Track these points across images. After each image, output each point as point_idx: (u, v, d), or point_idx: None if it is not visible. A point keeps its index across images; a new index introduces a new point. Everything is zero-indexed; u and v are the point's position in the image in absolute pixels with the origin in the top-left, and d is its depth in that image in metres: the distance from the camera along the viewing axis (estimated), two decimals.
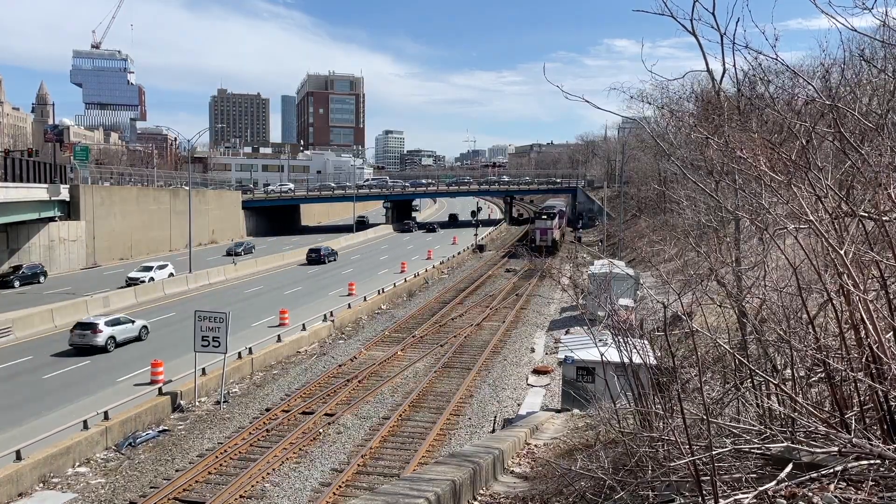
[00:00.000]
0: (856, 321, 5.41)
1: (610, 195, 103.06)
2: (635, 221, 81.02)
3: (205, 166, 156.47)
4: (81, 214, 63.22)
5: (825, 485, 4.49)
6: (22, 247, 56.53)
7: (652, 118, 50.55)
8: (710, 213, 23.07)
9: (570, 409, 21.54)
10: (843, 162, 6.32)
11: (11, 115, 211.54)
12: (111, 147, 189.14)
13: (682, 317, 7.01)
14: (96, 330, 33.12)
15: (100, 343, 32.98)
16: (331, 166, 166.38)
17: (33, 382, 28.50)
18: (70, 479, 20.33)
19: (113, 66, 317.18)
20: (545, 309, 47.98)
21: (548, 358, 35.13)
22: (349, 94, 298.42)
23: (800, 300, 6.69)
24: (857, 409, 5.43)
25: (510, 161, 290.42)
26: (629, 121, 69.21)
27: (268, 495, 19.26)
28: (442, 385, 30.01)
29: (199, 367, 27.92)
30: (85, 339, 33.00)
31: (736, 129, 7.10)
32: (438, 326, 41.62)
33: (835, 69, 13.20)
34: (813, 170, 5.80)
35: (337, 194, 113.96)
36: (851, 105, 7.20)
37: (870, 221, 5.88)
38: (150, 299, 47.28)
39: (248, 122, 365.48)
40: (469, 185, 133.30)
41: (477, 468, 9.22)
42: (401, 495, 6.94)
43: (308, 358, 34.78)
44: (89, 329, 33.19)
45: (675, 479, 5.25)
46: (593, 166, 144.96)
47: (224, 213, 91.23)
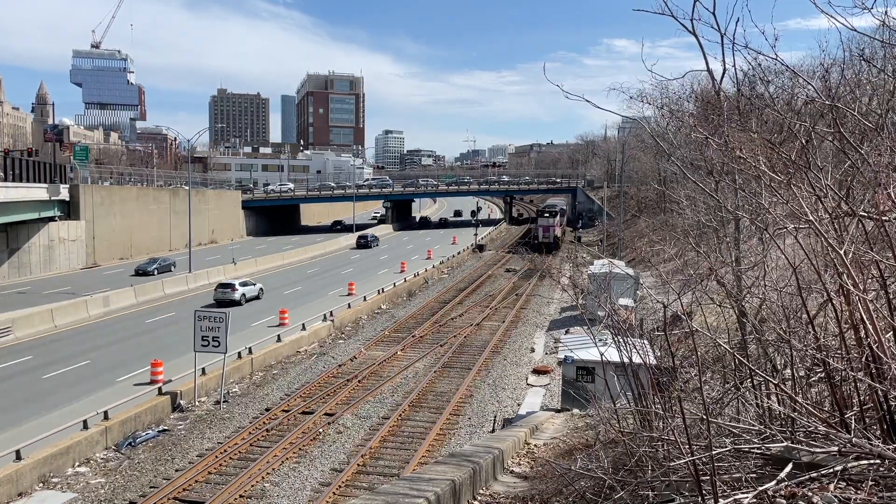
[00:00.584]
0: (855, 321, 5.41)
1: (610, 195, 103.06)
2: (635, 221, 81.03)
3: (205, 166, 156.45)
4: (81, 214, 63.20)
5: (825, 485, 4.49)
6: (22, 246, 56.50)
7: (652, 118, 50.52)
8: (710, 212, 23.07)
9: (569, 409, 21.55)
10: (843, 162, 6.33)
11: (11, 114, 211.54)
12: (111, 147, 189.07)
13: (681, 316, 7.01)
14: (234, 289, 45.83)
15: (236, 298, 45.20)
16: (331, 166, 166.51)
17: (32, 382, 28.48)
18: (70, 478, 20.33)
19: (113, 66, 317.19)
20: (545, 309, 47.99)
21: (548, 358, 35.13)
22: (349, 94, 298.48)
23: (799, 300, 6.69)
24: (856, 408, 5.43)
25: (510, 161, 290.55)
26: (629, 120, 69.20)
27: (268, 495, 19.25)
28: (442, 385, 30.01)
29: (199, 367, 27.92)
30: (225, 296, 45.20)
31: (735, 128, 7.10)
32: (438, 326, 41.63)
33: (834, 69, 13.21)
34: (813, 169, 5.80)
35: (337, 194, 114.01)
36: (851, 105, 7.20)
37: (869, 221, 5.88)
38: (149, 299, 47.28)
39: (248, 121, 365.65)
40: (469, 184, 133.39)
41: (477, 468, 9.22)
42: (400, 495, 6.94)
43: (308, 358, 34.78)
44: (228, 288, 45.91)
45: (674, 478, 5.25)
46: (593, 166, 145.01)
47: (224, 213, 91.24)
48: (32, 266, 57.03)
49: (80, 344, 34.94)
